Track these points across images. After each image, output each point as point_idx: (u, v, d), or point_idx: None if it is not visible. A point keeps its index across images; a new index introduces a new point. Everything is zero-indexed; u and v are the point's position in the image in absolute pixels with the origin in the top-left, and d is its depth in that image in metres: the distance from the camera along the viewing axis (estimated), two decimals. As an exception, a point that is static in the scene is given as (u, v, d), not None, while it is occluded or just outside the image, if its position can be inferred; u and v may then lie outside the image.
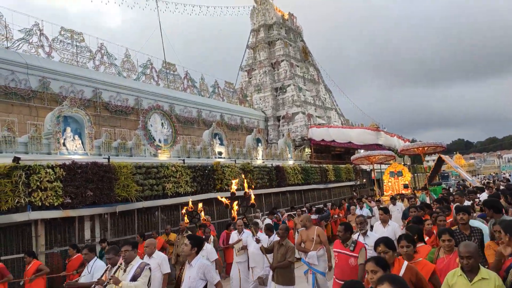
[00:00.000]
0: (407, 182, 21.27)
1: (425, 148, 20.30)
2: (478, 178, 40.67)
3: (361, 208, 14.06)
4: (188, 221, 7.46)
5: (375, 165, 23.62)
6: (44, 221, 8.94)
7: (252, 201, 6.06)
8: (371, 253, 5.31)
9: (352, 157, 24.31)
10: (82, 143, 12.09)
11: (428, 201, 14.09)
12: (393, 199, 13.55)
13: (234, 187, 6.50)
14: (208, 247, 7.50)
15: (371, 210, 14.40)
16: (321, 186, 22.20)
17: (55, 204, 8.94)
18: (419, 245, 4.93)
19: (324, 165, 23.42)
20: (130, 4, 29.09)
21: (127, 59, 20.65)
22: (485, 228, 5.43)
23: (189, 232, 8.69)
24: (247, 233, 8.33)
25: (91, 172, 9.87)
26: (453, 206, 8.24)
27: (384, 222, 7.42)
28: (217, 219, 14.05)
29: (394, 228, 7.31)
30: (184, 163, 13.31)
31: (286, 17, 37.22)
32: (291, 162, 22.39)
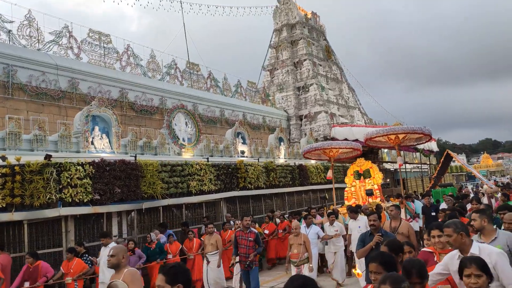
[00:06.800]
0: (376, 186, 14.40)
1: (400, 137, 12.73)
2: (505, 178, 39.51)
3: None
4: None
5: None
6: (73, 217, 9.25)
7: None
8: None
9: (304, 149, 15.63)
10: (109, 141, 12.43)
11: (403, 215, 9.88)
12: (353, 212, 9.01)
13: None
14: None
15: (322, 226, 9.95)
16: (344, 185, 22.03)
17: (85, 200, 9.23)
18: None
19: (347, 164, 23.22)
20: (155, 6, 29.60)
21: (152, 59, 21.01)
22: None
23: None
24: None
25: (119, 169, 10.13)
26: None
27: None
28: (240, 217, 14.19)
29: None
30: (208, 161, 13.48)
31: (309, 16, 37.04)
32: (313, 161, 22.33)
